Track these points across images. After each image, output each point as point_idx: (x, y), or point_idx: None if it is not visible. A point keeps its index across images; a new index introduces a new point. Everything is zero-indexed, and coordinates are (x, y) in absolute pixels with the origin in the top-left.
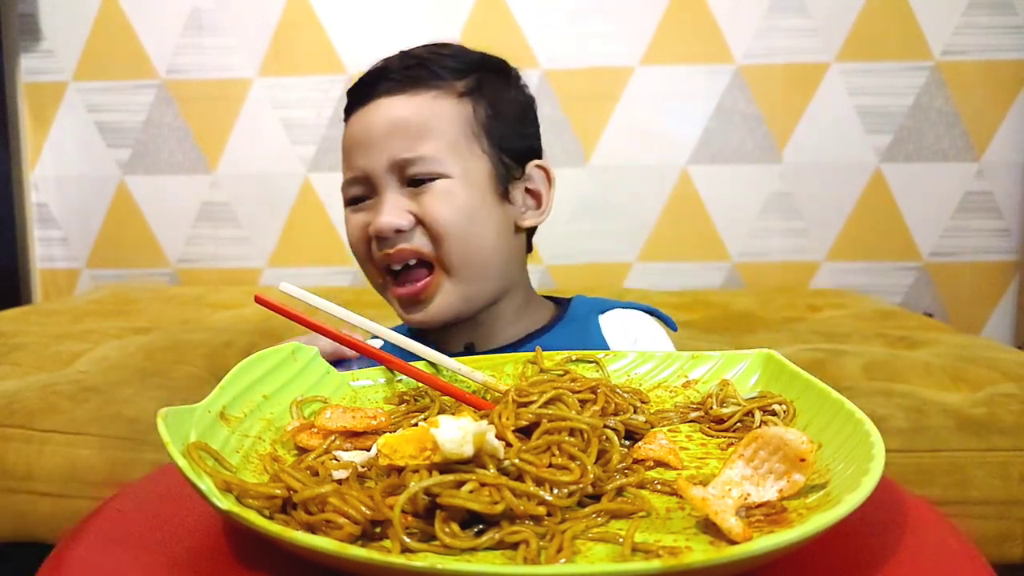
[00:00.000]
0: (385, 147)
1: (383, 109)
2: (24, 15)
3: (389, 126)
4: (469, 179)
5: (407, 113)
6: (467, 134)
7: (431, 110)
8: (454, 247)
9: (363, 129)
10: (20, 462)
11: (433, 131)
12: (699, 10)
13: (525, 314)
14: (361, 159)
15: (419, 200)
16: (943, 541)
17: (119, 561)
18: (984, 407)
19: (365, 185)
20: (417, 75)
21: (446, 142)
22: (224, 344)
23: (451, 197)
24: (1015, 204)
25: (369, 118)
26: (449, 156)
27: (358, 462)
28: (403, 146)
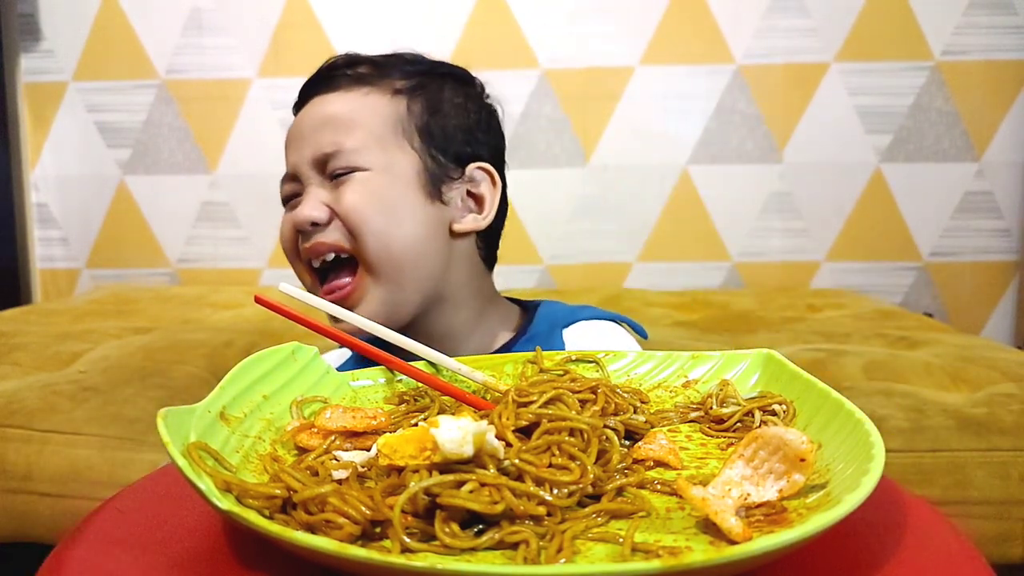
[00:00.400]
0: (310, 142)
1: (316, 107)
2: (24, 15)
3: (317, 122)
4: (391, 172)
5: (334, 109)
6: (395, 130)
7: (359, 105)
8: (370, 240)
9: (295, 126)
10: (20, 462)
11: (357, 125)
12: (699, 10)
13: (481, 328)
14: (290, 156)
15: (336, 192)
16: (943, 541)
17: (119, 561)
18: (984, 407)
19: (294, 182)
20: (356, 74)
21: (369, 135)
22: (224, 344)
23: (365, 188)
24: (1015, 204)
25: (301, 116)
26: (371, 150)
27: (358, 462)
28: (326, 141)
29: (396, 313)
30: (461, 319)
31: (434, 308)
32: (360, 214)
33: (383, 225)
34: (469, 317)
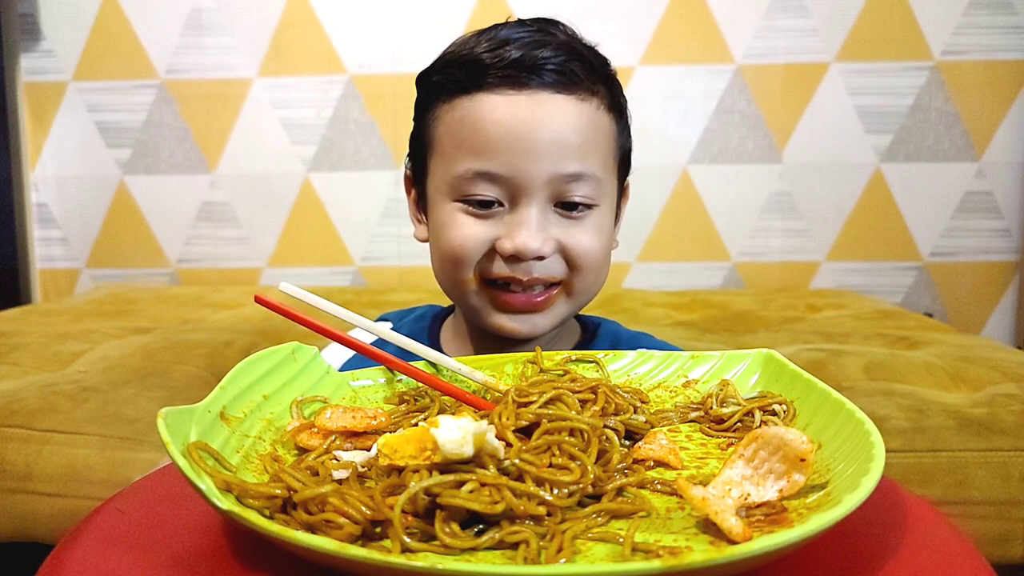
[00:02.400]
0: (549, 154)
1: (549, 107)
2: (24, 15)
3: (558, 131)
4: (608, 207)
5: (578, 120)
6: (614, 156)
7: (595, 123)
8: (588, 277)
9: (520, 123)
10: (20, 462)
11: (596, 149)
12: (699, 10)
13: (560, 336)
14: (514, 158)
15: (568, 228)
16: (943, 541)
17: (119, 561)
18: (984, 407)
19: (501, 188)
20: (577, 73)
21: (604, 165)
22: (224, 344)
23: (600, 232)
24: (1015, 204)
25: (529, 112)
26: (604, 182)
27: (358, 462)
28: (570, 160)
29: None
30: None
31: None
32: (592, 259)
33: (600, 267)
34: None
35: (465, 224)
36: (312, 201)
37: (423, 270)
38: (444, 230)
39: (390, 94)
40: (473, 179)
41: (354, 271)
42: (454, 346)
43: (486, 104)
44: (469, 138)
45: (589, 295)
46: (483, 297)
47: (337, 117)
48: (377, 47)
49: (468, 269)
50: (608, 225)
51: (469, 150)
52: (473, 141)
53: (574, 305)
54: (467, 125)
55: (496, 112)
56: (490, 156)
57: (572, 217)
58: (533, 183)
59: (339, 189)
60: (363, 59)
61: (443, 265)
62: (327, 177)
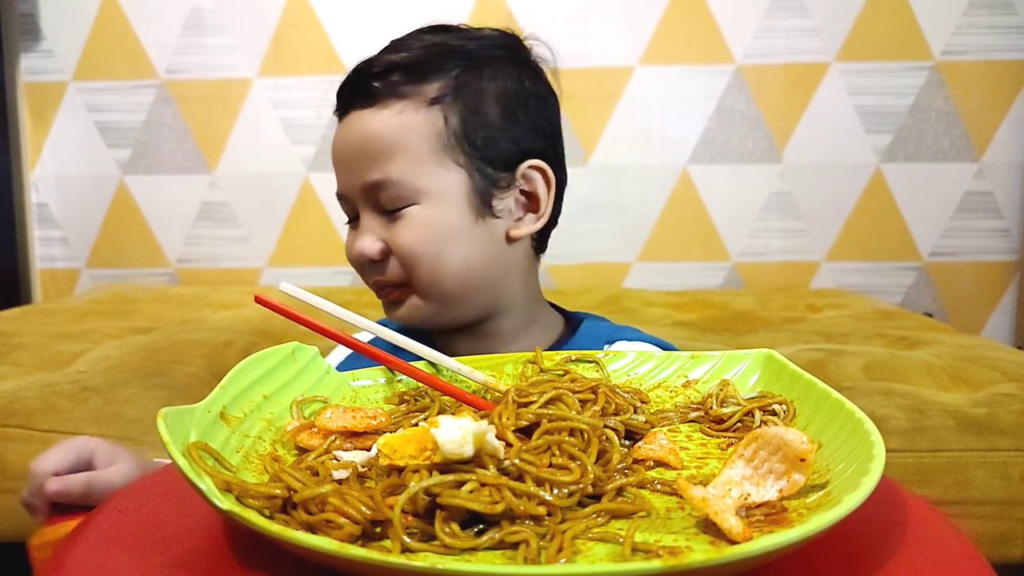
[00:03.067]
0: (355, 169)
1: (354, 124)
2: (24, 15)
3: (357, 146)
4: (442, 201)
5: (372, 131)
6: (436, 149)
7: (395, 125)
8: (424, 274)
9: (338, 146)
10: (20, 462)
11: (398, 150)
12: (699, 10)
13: (528, 332)
14: (340, 178)
15: (390, 228)
16: (943, 541)
17: (119, 561)
18: (984, 407)
19: (348, 203)
20: (389, 85)
21: (412, 161)
22: (224, 344)
23: (420, 226)
24: (1015, 204)
25: (343, 134)
26: (417, 177)
27: (358, 462)
28: (370, 169)
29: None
30: (511, 323)
31: (487, 317)
32: (414, 254)
33: (438, 259)
34: (518, 321)
35: (348, 236)
36: (312, 201)
37: None
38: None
39: None
40: (338, 200)
41: (354, 271)
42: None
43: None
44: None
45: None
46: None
47: None
48: (377, 47)
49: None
50: (439, 220)
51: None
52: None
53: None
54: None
55: (334, 140)
56: (337, 180)
57: (393, 219)
58: (354, 195)
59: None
60: (363, 59)
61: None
62: (327, 177)
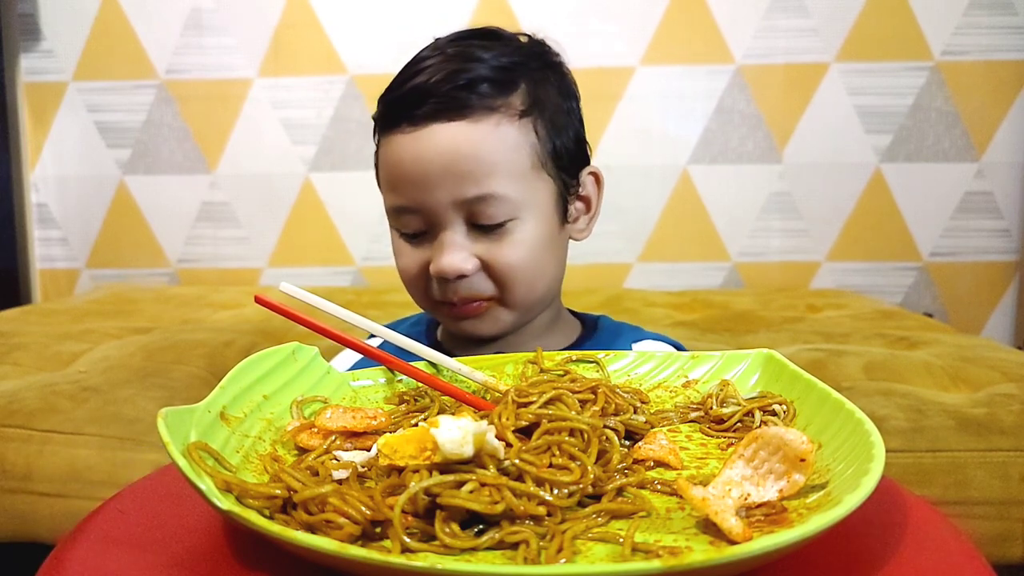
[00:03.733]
0: (446, 184)
1: (439, 138)
2: (24, 15)
3: (449, 161)
4: (538, 214)
5: (471, 145)
6: (533, 162)
7: (495, 140)
8: (519, 289)
9: (416, 159)
10: (20, 462)
11: (500, 165)
12: (699, 10)
13: (555, 328)
14: (417, 193)
15: (486, 244)
16: (943, 541)
17: (119, 561)
18: (984, 407)
19: (421, 217)
20: (477, 95)
21: (514, 176)
22: (224, 344)
23: (522, 243)
24: (1015, 204)
25: (423, 147)
26: (518, 193)
27: (358, 462)
28: (468, 185)
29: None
30: (543, 321)
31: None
32: (514, 270)
33: (533, 274)
34: (549, 319)
35: (404, 252)
36: (312, 201)
37: None
38: (395, 256)
39: None
40: (397, 213)
41: (354, 271)
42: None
43: (391, 145)
44: (386, 177)
45: (529, 304)
46: (440, 311)
47: (338, 117)
48: (377, 47)
49: (417, 291)
50: (537, 232)
51: (389, 187)
52: (388, 180)
53: (518, 314)
54: (384, 165)
55: (397, 152)
56: (401, 193)
57: (491, 235)
58: (440, 210)
59: (340, 189)
60: (363, 59)
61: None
62: (327, 177)
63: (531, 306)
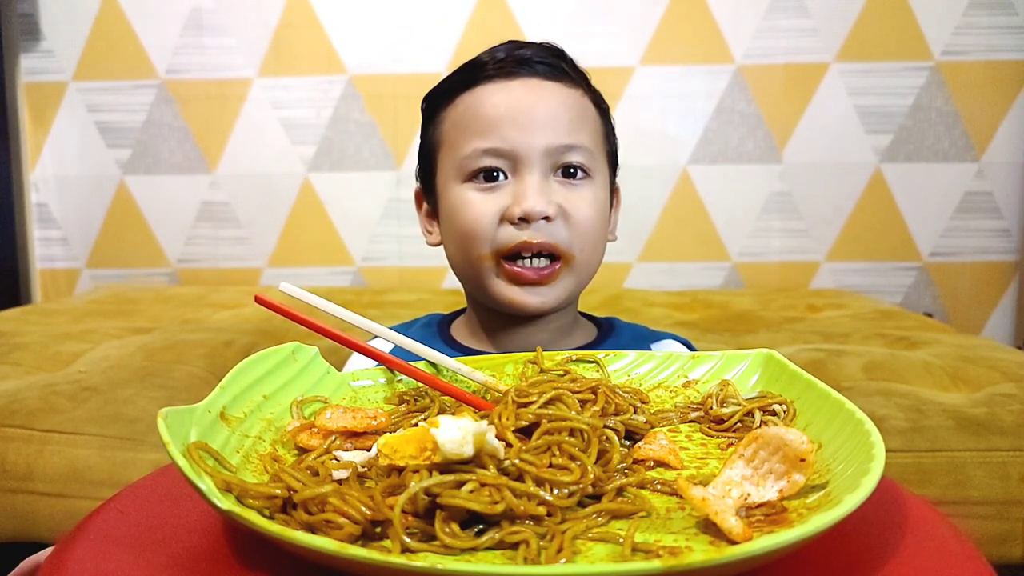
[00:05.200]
0: (546, 128)
1: (536, 89)
2: (24, 15)
3: (550, 108)
4: (602, 185)
5: (566, 101)
6: (602, 139)
7: (584, 105)
8: (587, 247)
9: (516, 103)
10: (20, 462)
11: (588, 126)
12: (699, 10)
13: (574, 330)
14: (513, 132)
15: (568, 194)
16: (943, 541)
17: (119, 561)
18: (984, 407)
19: (505, 160)
20: (562, 68)
21: (594, 142)
22: (224, 344)
23: (595, 201)
24: (1015, 204)
25: (522, 94)
26: (596, 156)
27: (358, 462)
28: (564, 134)
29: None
30: (567, 319)
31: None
32: (592, 226)
33: (597, 239)
34: (570, 318)
35: (475, 200)
36: (312, 201)
37: (424, 270)
38: (457, 212)
39: (390, 94)
40: (479, 156)
41: (354, 271)
42: (474, 340)
43: (485, 92)
44: (472, 123)
45: (590, 267)
46: (497, 273)
47: (337, 117)
48: (377, 47)
49: (484, 243)
50: (603, 201)
51: (474, 132)
52: (476, 124)
53: (576, 280)
54: (470, 112)
55: (495, 97)
56: (492, 133)
57: (571, 184)
58: (532, 153)
59: (339, 189)
60: (363, 59)
61: (460, 245)
62: (327, 177)
63: (589, 274)
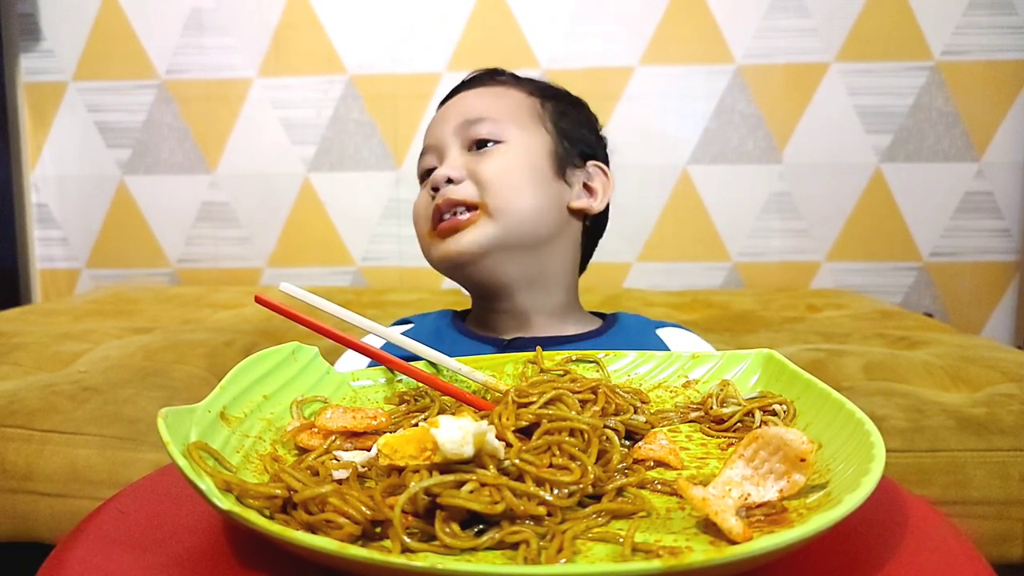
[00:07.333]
0: (455, 115)
1: (460, 96)
2: (24, 15)
3: (462, 104)
4: (524, 150)
5: (478, 95)
6: (531, 115)
7: (500, 93)
8: (499, 194)
9: (440, 112)
10: (20, 462)
11: (499, 103)
12: (699, 10)
13: (573, 316)
14: (432, 132)
15: (477, 160)
16: (943, 541)
17: (119, 561)
18: (984, 407)
19: (434, 154)
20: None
21: (509, 113)
22: (224, 344)
23: (503, 159)
24: (1015, 204)
25: (447, 104)
26: (511, 126)
27: (358, 462)
28: (469, 113)
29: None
30: (553, 303)
31: (534, 284)
32: (494, 174)
33: (511, 187)
34: (560, 304)
35: (420, 195)
36: (312, 201)
37: (423, 270)
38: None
39: (390, 94)
40: (419, 164)
41: (354, 271)
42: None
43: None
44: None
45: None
46: (430, 239)
47: (337, 117)
48: (377, 47)
49: (424, 223)
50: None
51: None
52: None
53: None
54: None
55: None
56: (426, 138)
57: (480, 152)
58: (444, 138)
59: (339, 189)
60: (363, 59)
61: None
62: (327, 177)
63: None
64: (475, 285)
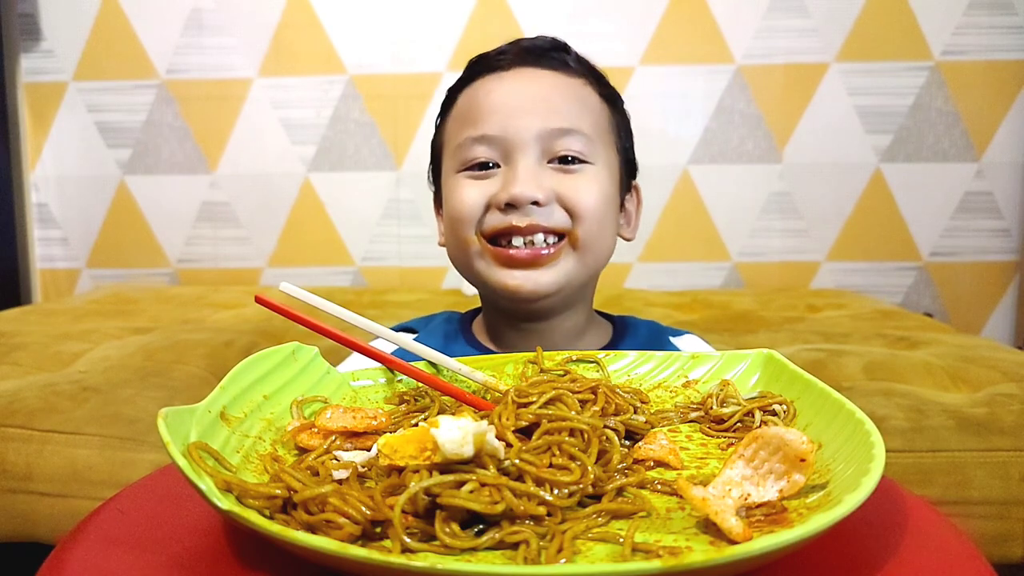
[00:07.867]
0: (537, 112)
1: (531, 77)
2: (24, 15)
3: (543, 94)
4: (608, 174)
5: (559, 88)
6: (608, 131)
7: (584, 94)
8: (592, 228)
9: (508, 90)
10: (20, 462)
11: (585, 112)
12: (699, 10)
13: (588, 330)
14: (503, 119)
15: (562, 179)
16: (943, 541)
17: (119, 561)
18: (984, 407)
19: (497, 149)
20: (562, 59)
21: (596, 127)
22: (224, 344)
23: (596, 185)
24: (1015, 204)
25: (513, 83)
26: (597, 143)
27: (358, 462)
28: (558, 118)
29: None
30: (578, 319)
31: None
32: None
33: (603, 219)
34: (582, 319)
35: (466, 187)
36: (312, 201)
37: (423, 270)
38: (449, 200)
39: (390, 94)
40: (470, 145)
41: (354, 271)
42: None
43: (479, 85)
44: (467, 115)
45: (596, 253)
46: (487, 256)
47: (337, 117)
48: (377, 47)
49: (470, 227)
50: (608, 190)
51: (467, 123)
52: (469, 115)
53: (582, 262)
54: (465, 106)
55: (487, 87)
56: (483, 121)
57: (567, 170)
58: (523, 138)
59: (339, 189)
60: (363, 59)
61: (450, 231)
62: (327, 177)
63: (594, 259)
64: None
